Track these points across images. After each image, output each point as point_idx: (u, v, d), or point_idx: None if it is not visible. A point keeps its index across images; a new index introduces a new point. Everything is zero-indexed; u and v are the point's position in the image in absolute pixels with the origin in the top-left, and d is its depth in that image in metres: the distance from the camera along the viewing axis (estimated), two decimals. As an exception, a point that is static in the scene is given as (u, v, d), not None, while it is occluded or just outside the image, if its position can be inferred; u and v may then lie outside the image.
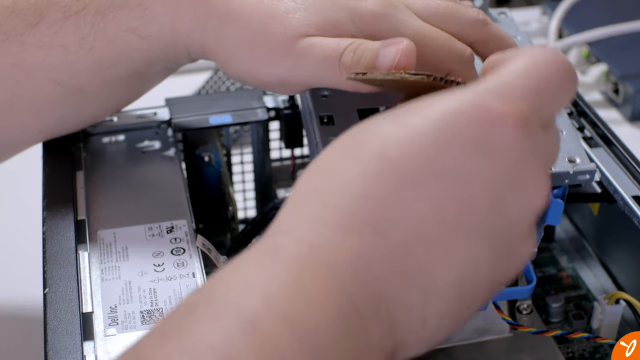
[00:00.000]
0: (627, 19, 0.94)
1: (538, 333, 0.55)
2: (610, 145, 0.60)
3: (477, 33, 0.54)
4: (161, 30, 0.55)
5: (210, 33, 0.54)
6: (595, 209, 0.64)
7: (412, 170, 0.38)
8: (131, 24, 0.55)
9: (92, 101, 0.58)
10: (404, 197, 0.38)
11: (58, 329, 0.47)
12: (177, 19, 0.54)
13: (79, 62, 0.55)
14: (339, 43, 0.51)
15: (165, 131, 0.63)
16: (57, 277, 0.50)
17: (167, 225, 0.55)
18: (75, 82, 0.56)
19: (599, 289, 0.64)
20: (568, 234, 0.69)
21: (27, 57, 0.55)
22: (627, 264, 0.62)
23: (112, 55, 0.55)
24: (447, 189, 0.39)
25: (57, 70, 0.56)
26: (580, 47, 0.93)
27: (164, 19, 0.55)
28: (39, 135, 0.59)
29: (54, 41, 0.55)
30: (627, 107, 0.89)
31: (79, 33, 0.55)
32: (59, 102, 0.57)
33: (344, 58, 0.50)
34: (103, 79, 0.56)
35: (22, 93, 0.56)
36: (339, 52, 0.50)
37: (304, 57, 0.51)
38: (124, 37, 0.55)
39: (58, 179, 0.57)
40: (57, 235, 0.53)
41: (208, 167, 0.65)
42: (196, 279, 0.51)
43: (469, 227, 0.39)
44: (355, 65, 0.50)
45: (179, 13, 0.54)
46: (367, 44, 0.50)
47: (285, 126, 0.65)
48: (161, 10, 0.54)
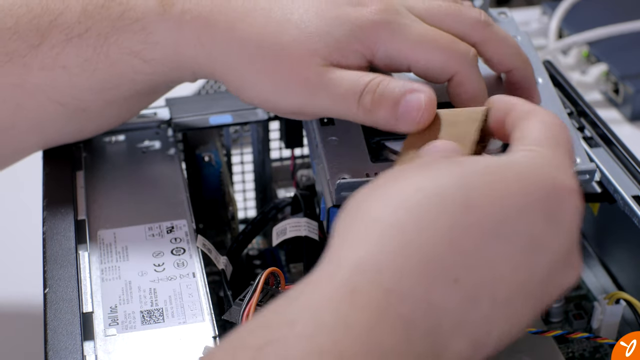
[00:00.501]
0: (627, 19, 0.94)
1: (538, 333, 0.55)
2: (610, 145, 0.60)
3: (479, 34, 0.54)
4: (165, 54, 0.55)
5: (217, 59, 0.54)
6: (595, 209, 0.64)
7: (494, 226, 0.40)
8: (134, 48, 0.54)
9: (94, 119, 0.58)
10: (486, 254, 0.40)
11: (58, 329, 0.47)
12: (181, 44, 0.54)
13: (82, 83, 0.55)
14: (357, 81, 0.51)
15: (166, 131, 0.63)
16: (57, 277, 0.50)
17: (167, 225, 0.55)
18: (78, 103, 0.56)
19: (599, 289, 0.64)
20: (568, 234, 0.69)
21: (29, 79, 0.55)
22: (627, 264, 0.62)
23: (115, 77, 0.55)
24: (521, 252, 0.41)
25: (60, 92, 0.55)
26: (580, 47, 0.93)
27: (167, 43, 0.54)
28: (40, 148, 0.60)
29: (57, 63, 0.55)
30: (627, 107, 0.89)
31: (82, 55, 0.55)
32: (61, 121, 0.57)
33: (364, 100, 0.51)
34: (106, 100, 0.56)
35: (24, 114, 0.56)
36: (356, 91, 0.51)
37: (322, 91, 0.52)
38: (127, 60, 0.55)
39: (58, 179, 0.57)
40: (57, 235, 0.53)
41: (208, 167, 0.65)
42: (196, 279, 0.51)
43: (529, 291, 0.41)
44: (376, 108, 0.50)
45: (183, 38, 0.54)
46: (384, 86, 0.50)
47: (285, 126, 0.65)
48: (164, 34, 0.54)
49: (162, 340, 0.47)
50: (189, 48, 0.54)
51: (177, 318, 0.49)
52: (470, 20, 0.54)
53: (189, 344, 0.47)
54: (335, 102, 0.51)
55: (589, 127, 0.62)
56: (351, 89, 0.51)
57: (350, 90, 0.51)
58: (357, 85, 0.51)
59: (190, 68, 0.55)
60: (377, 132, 0.56)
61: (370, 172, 0.53)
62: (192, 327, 0.48)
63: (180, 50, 0.54)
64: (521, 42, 0.62)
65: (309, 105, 0.53)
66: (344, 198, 0.52)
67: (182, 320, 0.49)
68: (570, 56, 0.94)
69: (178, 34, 0.54)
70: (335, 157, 0.54)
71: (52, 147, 0.60)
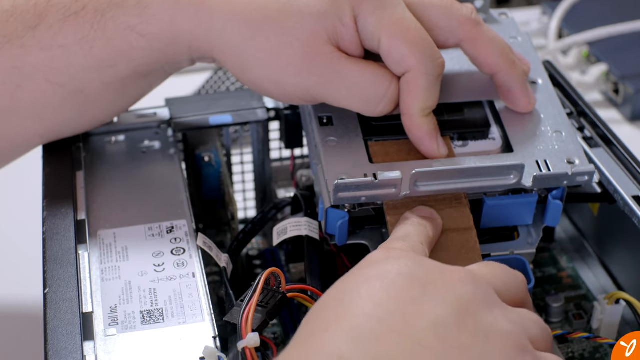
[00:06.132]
0: (627, 19, 0.94)
1: (538, 333, 0.55)
2: (610, 145, 0.60)
3: (466, 31, 0.54)
4: (161, 29, 0.55)
5: (216, 35, 0.54)
6: (595, 209, 0.64)
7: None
8: (130, 22, 0.55)
9: (92, 104, 0.58)
10: None
11: (58, 329, 0.47)
12: (178, 18, 0.54)
13: (80, 62, 0.55)
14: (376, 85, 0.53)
15: (166, 131, 0.63)
16: (57, 277, 0.50)
17: (167, 225, 0.55)
18: (75, 84, 0.56)
19: (599, 289, 0.64)
20: (568, 234, 0.69)
21: (27, 60, 0.55)
22: (627, 264, 0.62)
23: (112, 54, 0.55)
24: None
25: (58, 72, 0.56)
26: (580, 47, 0.93)
27: (164, 17, 0.54)
28: (40, 139, 0.59)
29: (54, 42, 0.55)
30: (627, 107, 0.89)
31: (79, 33, 0.55)
32: (60, 105, 0.57)
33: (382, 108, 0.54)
34: (103, 80, 0.56)
35: (23, 97, 0.56)
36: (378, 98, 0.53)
37: (337, 83, 0.53)
38: (124, 35, 0.55)
39: (58, 179, 0.57)
40: (57, 235, 0.53)
41: (208, 167, 0.65)
42: (196, 279, 0.51)
43: None
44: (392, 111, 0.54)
45: (180, 12, 0.54)
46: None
47: (285, 126, 0.65)
48: (160, 8, 0.54)
49: (162, 341, 0.47)
50: (185, 22, 0.54)
51: (177, 318, 0.49)
52: (459, 17, 0.54)
53: (189, 344, 0.47)
54: (354, 100, 0.54)
55: (589, 127, 0.62)
56: (374, 95, 0.53)
57: (373, 96, 0.53)
58: (379, 92, 0.53)
59: (186, 43, 0.55)
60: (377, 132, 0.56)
61: (368, 172, 0.53)
62: (192, 327, 0.48)
63: (177, 24, 0.54)
64: (522, 42, 0.62)
65: (318, 93, 0.54)
66: (342, 198, 0.52)
67: (182, 320, 0.49)
68: (570, 56, 0.94)
69: (175, 7, 0.54)
70: (334, 158, 0.54)
71: (52, 139, 0.60)
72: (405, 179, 0.52)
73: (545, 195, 0.55)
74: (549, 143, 0.56)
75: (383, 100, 0.53)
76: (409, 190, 0.52)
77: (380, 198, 0.53)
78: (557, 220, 0.56)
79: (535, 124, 0.57)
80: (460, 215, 0.53)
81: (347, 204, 0.53)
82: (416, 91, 0.53)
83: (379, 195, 0.52)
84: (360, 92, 0.53)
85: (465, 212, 0.53)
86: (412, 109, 0.53)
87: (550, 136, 0.56)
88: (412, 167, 0.52)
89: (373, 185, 0.52)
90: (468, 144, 0.56)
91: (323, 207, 0.54)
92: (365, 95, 0.53)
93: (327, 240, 0.55)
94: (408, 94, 0.53)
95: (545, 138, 0.56)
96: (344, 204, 0.53)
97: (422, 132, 0.53)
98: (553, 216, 0.56)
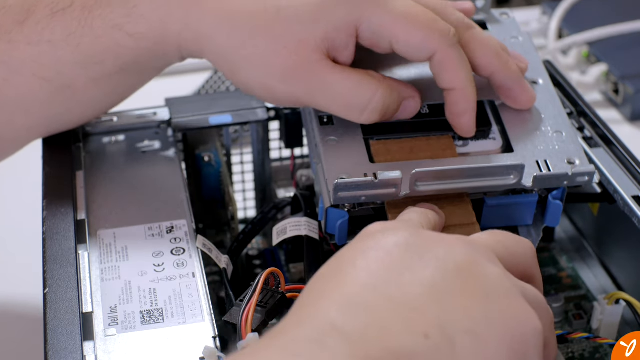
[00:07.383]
0: (627, 19, 0.94)
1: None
2: (610, 145, 0.60)
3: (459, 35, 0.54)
4: (150, 29, 0.55)
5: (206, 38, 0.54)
6: (595, 209, 0.64)
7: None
8: (118, 21, 0.55)
9: (79, 100, 0.58)
10: None
11: (58, 329, 0.47)
12: (167, 19, 0.54)
13: (67, 58, 0.55)
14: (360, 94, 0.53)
15: (165, 131, 0.63)
16: (57, 277, 0.50)
17: (167, 225, 0.55)
18: (63, 80, 0.56)
19: (599, 289, 0.64)
20: (568, 234, 0.69)
21: (15, 55, 0.55)
22: (627, 264, 0.62)
23: (100, 51, 0.55)
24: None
25: (45, 67, 0.56)
26: (580, 47, 0.93)
27: (153, 17, 0.54)
28: (28, 134, 0.59)
29: (42, 38, 0.55)
30: (627, 107, 0.89)
31: (67, 29, 0.55)
32: (48, 100, 0.57)
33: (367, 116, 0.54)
34: (90, 77, 0.56)
35: (10, 91, 0.56)
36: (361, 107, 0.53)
37: (323, 92, 0.53)
38: (111, 34, 0.55)
39: (58, 179, 0.57)
40: (57, 235, 0.53)
41: (208, 167, 0.65)
42: (196, 279, 0.51)
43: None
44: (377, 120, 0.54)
45: (169, 13, 0.54)
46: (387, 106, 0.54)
47: (285, 126, 0.65)
48: (149, 8, 0.54)
49: (162, 341, 0.47)
50: (175, 23, 0.54)
51: (177, 318, 0.49)
52: (452, 21, 0.54)
53: (189, 344, 0.47)
54: (339, 108, 0.54)
55: (589, 127, 0.62)
56: (356, 104, 0.53)
57: (356, 105, 0.53)
58: (362, 101, 0.53)
59: (175, 44, 0.55)
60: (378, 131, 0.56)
61: (368, 172, 0.53)
62: (192, 327, 0.48)
63: (167, 25, 0.54)
64: (522, 42, 0.62)
65: (305, 100, 0.54)
66: (342, 198, 0.52)
67: (182, 320, 0.49)
68: (570, 56, 0.94)
69: (165, 8, 0.54)
70: (334, 157, 0.54)
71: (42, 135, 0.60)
72: (405, 178, 0.52)
73: (546, 195, 0.55)
74: (550, 143, 0.56)
75: (367, 108, 0.53)
76: (409, 190, 0.52)
77: (380, 198, 0.53)
78: (557, 220, 0.56)
79: (536, 124, 0.57)
80: (463, 212, 0.53)
81: (347, 203, 0.53)
82: (452, 65, 0.53)
83: (379, 195, 0.52)
84: (343, 100, 0.53)
85: (468, 208, 0.53)
86: (461, 82, 0.53)
87: (550, 136, 0.56)
88: (414, 166, 0.52)
89: (373, 184, 0.52)
90: (469, 144, 0.56)
91: (323, 206, 0.54)
92: (348, 104, 0.54)
93: (327, 240, 0.55)
94: (447, 72, 0.53)
95: (545, 138, 0.56)
96: (344, 204, 0.53)
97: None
98: (553, 216, 0.56)
